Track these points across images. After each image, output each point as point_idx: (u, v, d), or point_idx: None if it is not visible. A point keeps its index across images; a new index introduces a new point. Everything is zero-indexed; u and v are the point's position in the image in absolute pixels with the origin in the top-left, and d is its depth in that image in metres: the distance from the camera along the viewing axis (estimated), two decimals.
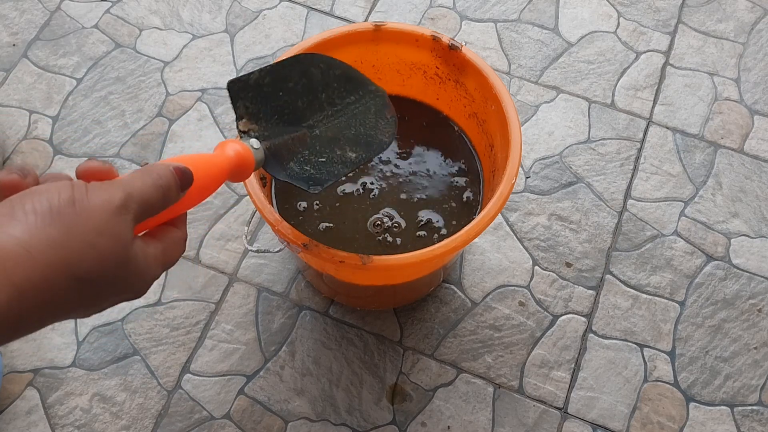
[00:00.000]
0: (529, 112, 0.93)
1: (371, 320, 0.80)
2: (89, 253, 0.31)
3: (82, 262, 0.31)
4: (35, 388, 0.76)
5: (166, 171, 0.35)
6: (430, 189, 0.73)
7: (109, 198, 0.32)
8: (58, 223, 0.30)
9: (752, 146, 0.91)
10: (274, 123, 0.51)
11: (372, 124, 0.59)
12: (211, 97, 0.93)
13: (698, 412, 0.76)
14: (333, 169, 0.54)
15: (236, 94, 0.49)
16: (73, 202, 0.31)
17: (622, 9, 1.01)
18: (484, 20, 0.99)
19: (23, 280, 0.29)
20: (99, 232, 0.31)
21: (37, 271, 0.29)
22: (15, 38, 0.97)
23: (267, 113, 0.51)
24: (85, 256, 0.31)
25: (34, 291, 0.29)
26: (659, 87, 0.95)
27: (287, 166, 0.51)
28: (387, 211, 0.72)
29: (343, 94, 0.57)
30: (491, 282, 0.82)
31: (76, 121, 0.91)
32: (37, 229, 0.30)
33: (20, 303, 0.29)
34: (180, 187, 0.36)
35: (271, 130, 0.51)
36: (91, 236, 0.31)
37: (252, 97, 0.50)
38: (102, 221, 0.31)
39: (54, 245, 0.30)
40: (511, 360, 0.78)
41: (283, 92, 0.53)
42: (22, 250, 0.29)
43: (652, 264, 0.83)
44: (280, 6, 1.00)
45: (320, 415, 0.75)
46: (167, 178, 0.35)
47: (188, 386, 0.76)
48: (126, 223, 0.32)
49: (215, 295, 0.81)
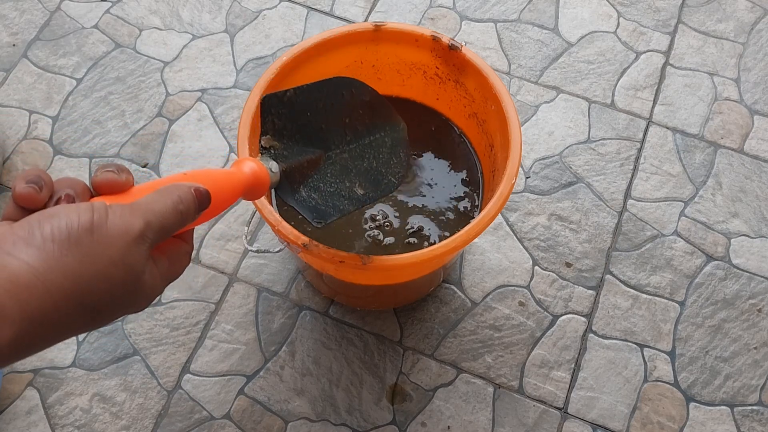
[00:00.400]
0: (529, 112, 0.93)
1: (371, 320, 0.80)
2: (102, 284, 0.31)
3: (93, 294, 0.31)
4: (35, 388, 0.76)
5: (188, 194, 0.35)
6: (428, 195, 0.73)
7: (128, 228, 0.32)
8: (76, 252, 0.30)
9: (752, 146, 0.91)
10: (294, 142, 0.50)
11: (384, 159, 0.57)
12: (211, 97, 0.93)
13: (698, 412, 0.76)
14: (339, 203, 0.53)
15: (268, 109, 0.48)
16: (92, 230, 0.31)
17: (622, 9, 1.01)
18: (484, 20, 0.99)
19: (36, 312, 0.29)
20: (114, 263, 0.31)
21: (49, 303, 0.29)
22: (15, 38, 0.97)
23: (291, 132, 0.50)
24: (97, 287, 0.31)
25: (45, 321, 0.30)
26: (659, 87, 0.95)
27: (297, 190, 0.50)
28: (382, 209, 0.72)
29: (366, 121, 0.56)
30: (491, 282, 0.82)
31: (76, 121, 0.91)
32: (54, 260, 0.30)
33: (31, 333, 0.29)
34: (198, 209, 0.36)
35: (290, 149, 0.49)
36: (106, 267, 0.31)
37: (283, 114, 0.49)
38: (119, 253, 0.31)
39: (69, 276, 0.30)
40: (511, 360, 0.78)
41: (311, 112, 0.51)
42: (38, 282, 0.29)
43: (652, 264, 0.83)
44: (280, 6, 1.00)
45: (320, 415, 0.75)
46: (188, 202, 0.35)
47: (188, 386, 0.76)
48: (142, 254, 0.32)
49: (215, 295, 0.81)
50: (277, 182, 0.47)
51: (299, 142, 0.50)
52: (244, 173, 0.42)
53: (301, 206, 0.50)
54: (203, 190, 0.35)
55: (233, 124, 0.91)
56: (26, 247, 0.30)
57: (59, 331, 0.31)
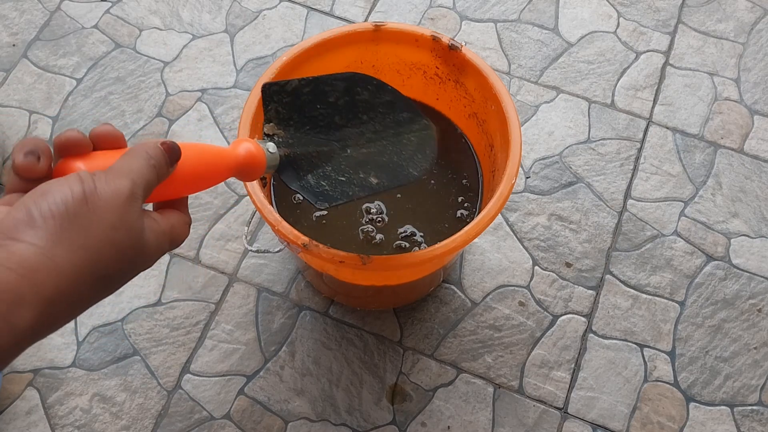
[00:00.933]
0: (529, 112, 0.93)
1: (371, 320, 0.80)
2: (109, 250, 0.32)
3: (102, 261, 0.31)
4: (35, 389, 0.76)
5: (155, 149, 0.36)
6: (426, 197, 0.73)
7: (118, 191, 0.32)
8: (76, 225, 0.31)
9: (752, 146, 0.91)
10: (304, 133, 0.50)
11: (408, 155, 0.56)
12: (211, 98, 0.93)
13: (698, 412, 0.76)
14: (348, 189, 0.52)
15: (270, 97, 0.49)
16: (85, 200, 0.31)
17: (622, 9, 1.01)
18: (484, 20, 0.99)
19: (53, 292, 0.30)
20: (114, 227, 0.32)
21: (63, 280, 0.30)
22: (15, 38, 0.97)
23: (299, 122, 0.50)
24: (104, 254, 0.32)
25: (63, 299, 0.30)
26: (659, 87, 0.95)
27: (304, 177, 0.50)
28: (378, 204, 0.72)
29: (387, 120, 0.55)
30: (491, 282, 0.82)
31: (76, 122, 0.91)
32: (58, 235, 0.30)
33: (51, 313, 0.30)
34: (169, 162, 0.37)
35: (298, 139, 0.50)
36: (108, 232, 0.32)
37: (287, 103, 0.50)
38: (116, 215, 0.32)
39: (76, 249, 0.30)
40: (511, 360, 0.78)
41: (322, 105, 0.52)
42: (48, 261, 0.30)
43: (652, 264, 0.83)
44: (280, 6, 1.00)
45: (320, 415, 0.75)
46: (158, 156, 0.36)
47: (188, 386, 0.76)
48: (136, 212, 0.33)
49: (215, 295, 0.81)
50: (276, 165, 0.47)
51: (309, 133, 0.51)
52: (238, 152, 0.43)
53: (305, 191, 0.50)
54: (170, 143, 0.37)
55: (233, 124, 0.91)
56: (28, 228, 0.30)
57: (76, 305, 0.31)
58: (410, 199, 0.73)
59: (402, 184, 0.56)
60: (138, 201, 0.33)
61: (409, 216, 0.72)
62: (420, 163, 0.56)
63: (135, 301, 0.80)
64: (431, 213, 0.72)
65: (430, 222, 0.71)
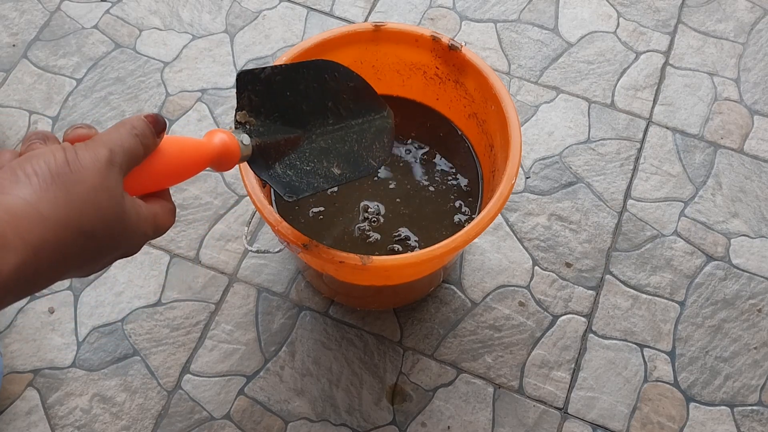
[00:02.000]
0: (529, 112, 0.93)
1: (371, 320, 0.80)
2: (90, 209, 0.33)
3: (84, 217, 0.33)
4: (35, 389, 0.76)
5: (140, 121, 0.37)
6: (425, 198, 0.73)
7: (97, 156, 0.34)
8: (60, 184, 0.32)
9: (752, 146, 0.91)
10: (272, 120, 0.51)
11: (367, 144, 0.58)
12: (211, 98, 0.93)
13: (698, 412, 0.76)
14: (314, 180, 0.53)
15: (244, 85, 0.49)
16: (67, 162, 0.33)
17: (622, 9, 1.01)
18: (483, 20, 0.99)
19: (38, 240, 0.31)
20: (95, 188, 0.33)
21: (49, 230, 0.31)
22: (15, 39, 0.97)
23: (269, 110, 0.51)
24: (87, 211, 0.33)
25: (48, 250, 0.31)
26: (659, 87, 0.95)
27: (272, 167, 0.51)
28: (377, 205, 0.72)
29: (350, 107, 0.56)
30: (491, 282, 0.82)
31: (76, 122, 0.91)
32: (42, 191, 0.32)
33: (35, 262, 0.31)
34: (154, 132, 0.38)
35: (267, 127, 0.51)
36: (90, 193, 0.33)
37: (260, 91, 0.50)
38: (96, 178, 0.34)
39: (60, 204, 0.32)
40: (511, 360, 0.78)
41: (291, 93, 0.52)
42: (33, 211, 0.31)
43: (652, 264, 0.83)
44: (280, 6, 1.00)
45: (320, 415, 0.75)
46: (141, 126, 0.37)
47: (188, 386, 0.76)
48: (115, 176, 0.35)
49: (215, 296, 0.81)
50: (248, 156, 0.48)
51: (277, 121, 0.51)
52: (213, 143, 0.44)
53: (274, 181, 0.51)
54: (154, 114, 0.38)
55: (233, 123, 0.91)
56: (14, 185, 0.32)
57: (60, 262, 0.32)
58: (408, 203, 0.73)
59: (363, 175, 0.57)
60: (116, 166, 0.35)
61: (406, 219, 0.72)
62: (378, 153, 0.58)
63: (135, 301, 0.80)
64: (428, 218, 0.72)
65: (427, 227, 0.71)
